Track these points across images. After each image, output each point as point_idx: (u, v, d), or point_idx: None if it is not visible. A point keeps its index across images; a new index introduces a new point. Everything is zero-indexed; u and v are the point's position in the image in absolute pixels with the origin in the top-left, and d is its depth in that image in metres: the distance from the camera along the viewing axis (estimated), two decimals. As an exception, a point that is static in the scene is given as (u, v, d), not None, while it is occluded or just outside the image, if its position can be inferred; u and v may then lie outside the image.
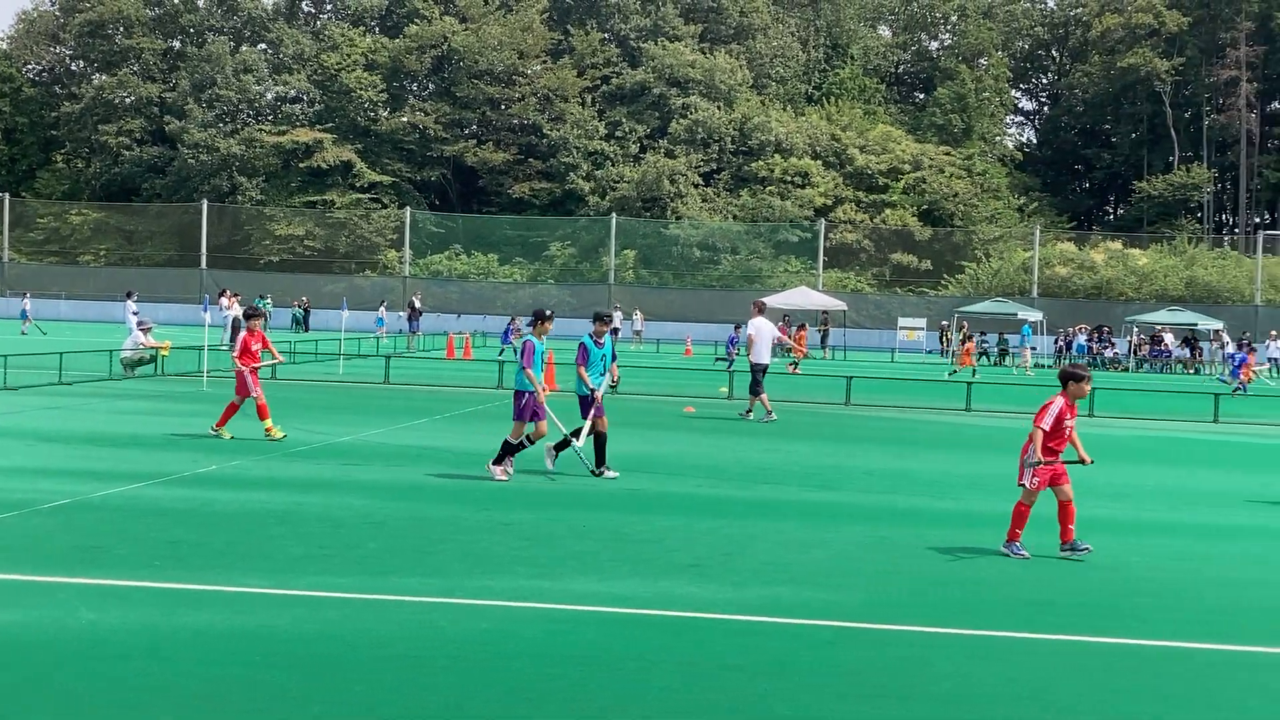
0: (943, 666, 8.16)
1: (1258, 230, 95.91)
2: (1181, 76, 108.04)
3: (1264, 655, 8.80)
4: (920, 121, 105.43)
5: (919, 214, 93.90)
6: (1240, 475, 19.66)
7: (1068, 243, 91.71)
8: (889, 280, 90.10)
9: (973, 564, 11.60)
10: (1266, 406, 35.13)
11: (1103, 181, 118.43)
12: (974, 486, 17.02)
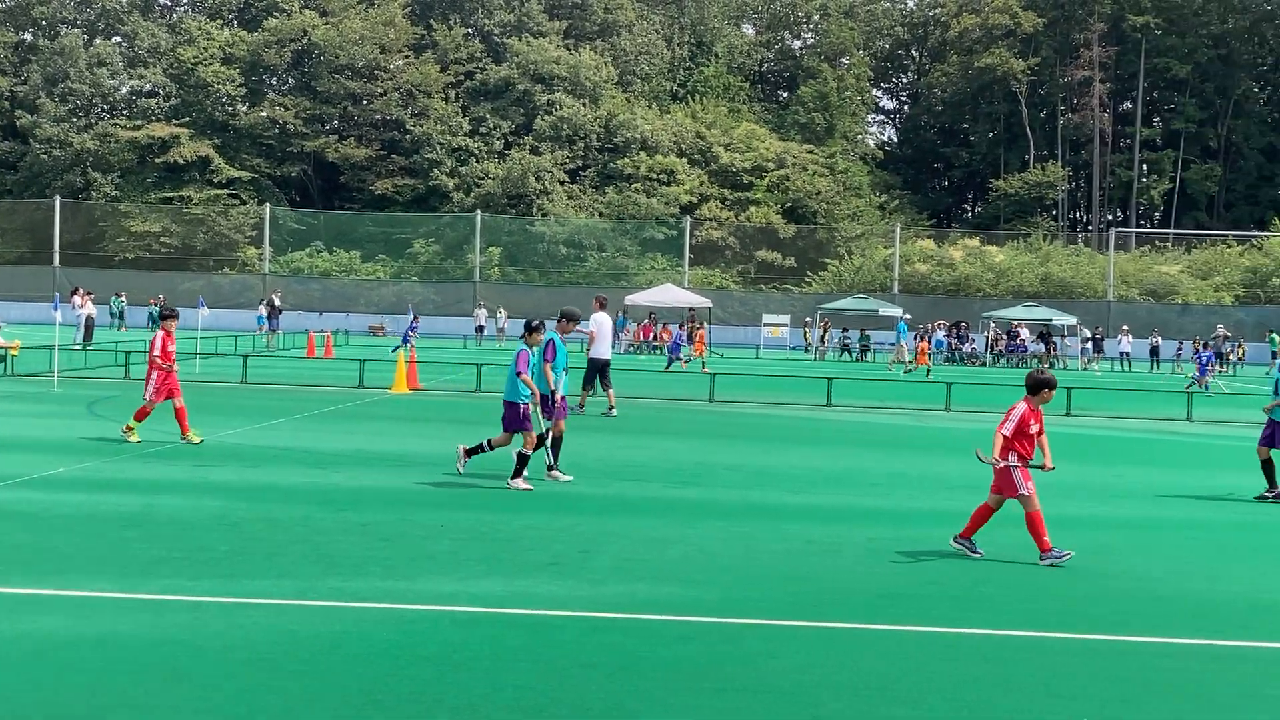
0: (794, 659, 8.21)
1: (1110, 227, 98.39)
2: (1037, 76, 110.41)
3: (1105, 643, 8.99)
4: (784, 120, 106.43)
5: (783, 211, 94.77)
6: (1091, 467, 20.10)
7: (927, 240, 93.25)
8: (754, 277, 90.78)
9: (828, 558, 11.71)
10: (1118, 400, 36.00)
11: (961, 180, 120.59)
12: (834, 481, 17.20)
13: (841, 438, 23.74)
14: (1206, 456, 22.65)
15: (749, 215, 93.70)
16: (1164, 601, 10.34)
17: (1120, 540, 13.23)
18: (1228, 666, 8.45)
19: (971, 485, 17.04)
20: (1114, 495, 16.74)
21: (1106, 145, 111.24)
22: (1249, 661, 8.60)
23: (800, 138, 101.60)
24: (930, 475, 18.11)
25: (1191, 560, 12.14)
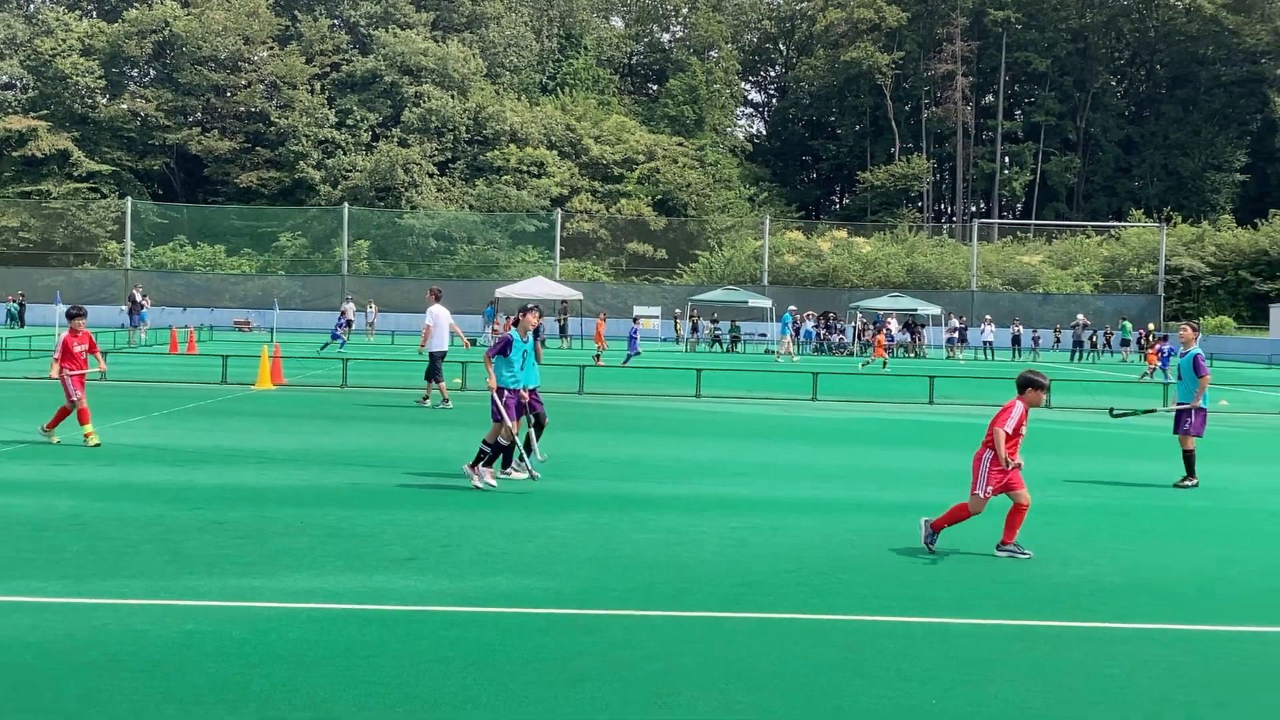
0: (651, 649, 8.26)
1: (973, 219, 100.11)
2: (901, 70, 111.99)
3: (956, 626, 9.16)
4: (654, 112, 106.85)
5: (654, 204, 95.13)
6: (949, 454, 20.45)
7: (796, 232, 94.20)
8: (625, 269, 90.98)
9: (690, 547, 11.78)
10: (981, 388, 36.63)
11: (829, 172, 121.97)
12: (700, 471, 17.29)
13: (709, 429, 23.88)
14: (1064, 442, 23.15)
15: (620, 207, 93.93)
16: (1016, 585, 10.56)
17: (975, 526, 13.47)
18: (1071, 647, 8.65)
19: (838, 475, 17.27)
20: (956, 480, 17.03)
21: (969, 138, 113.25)
22: (1092, 641, 8.82)
23: (670, 130, 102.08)
24: (797, 465, 18.29)
25: (1044, 544, 12.40)
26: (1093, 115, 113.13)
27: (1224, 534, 13.40)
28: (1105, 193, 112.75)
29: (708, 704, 7.17)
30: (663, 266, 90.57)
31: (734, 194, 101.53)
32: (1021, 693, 7.52)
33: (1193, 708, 7.29)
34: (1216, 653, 8.58)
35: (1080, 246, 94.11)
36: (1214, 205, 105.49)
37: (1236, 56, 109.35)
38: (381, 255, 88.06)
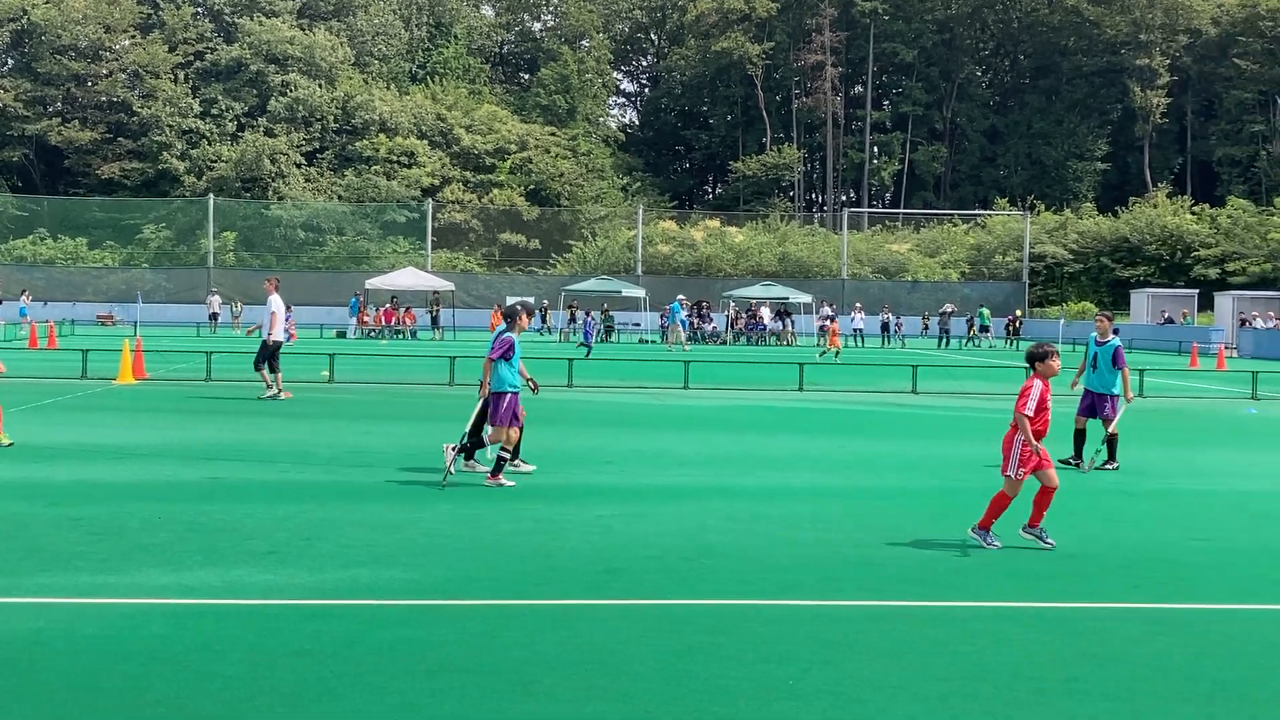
0: (514, 637, 8.24)
1: (843, 208, 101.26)
2: (772, 60, 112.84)
3: (816, 608, 9.25)
4: (525, 102, 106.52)
5: (526, 194, 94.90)
6: (817, 439, 20.69)
7: (669, 221, 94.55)
8: (499, 260, 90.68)
9: (555, 536, 11.76)
10: (850, 374, 37.07)
11: (702, 162, 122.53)
12: (568, 460, 17.28)
13: (580, 418, 23.88)
14: (927, 426, 23.52)
15: (492, 198, 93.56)
16: (877, 567, 10.69)
17: (839, 508, 13.65)
18: (929, 626, 8.79)
19: (706, 461, 17.36)
20: (836, 466, 17.25)
21: (839, 128, 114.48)
22: (949, 620, 8.96)
23: (542, 120, 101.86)
24: (664, 452, 18.36)
25: (904, 525, 12.59)
26: (959, 105, 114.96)
27: (1081, 513, 13.69)
28: (971, 181, 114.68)
29: (568, 690, 7.17)
30: (536, 257, 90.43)
31: (607, 184, 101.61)
32: (878, 671, 7.62)
33: (1043, 683, 7.43)
34: (1069, 629, 8.76)
35: (947, 235, 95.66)
36: (1076, 193, 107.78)
37: (1097, 47, 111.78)
38: (248, 247, 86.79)
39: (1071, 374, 19.65)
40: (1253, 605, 9.64)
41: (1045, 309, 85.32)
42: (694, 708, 6.89)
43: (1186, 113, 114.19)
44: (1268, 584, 10.41)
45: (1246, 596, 9.92)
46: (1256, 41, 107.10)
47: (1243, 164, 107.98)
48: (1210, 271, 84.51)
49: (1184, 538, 12.34)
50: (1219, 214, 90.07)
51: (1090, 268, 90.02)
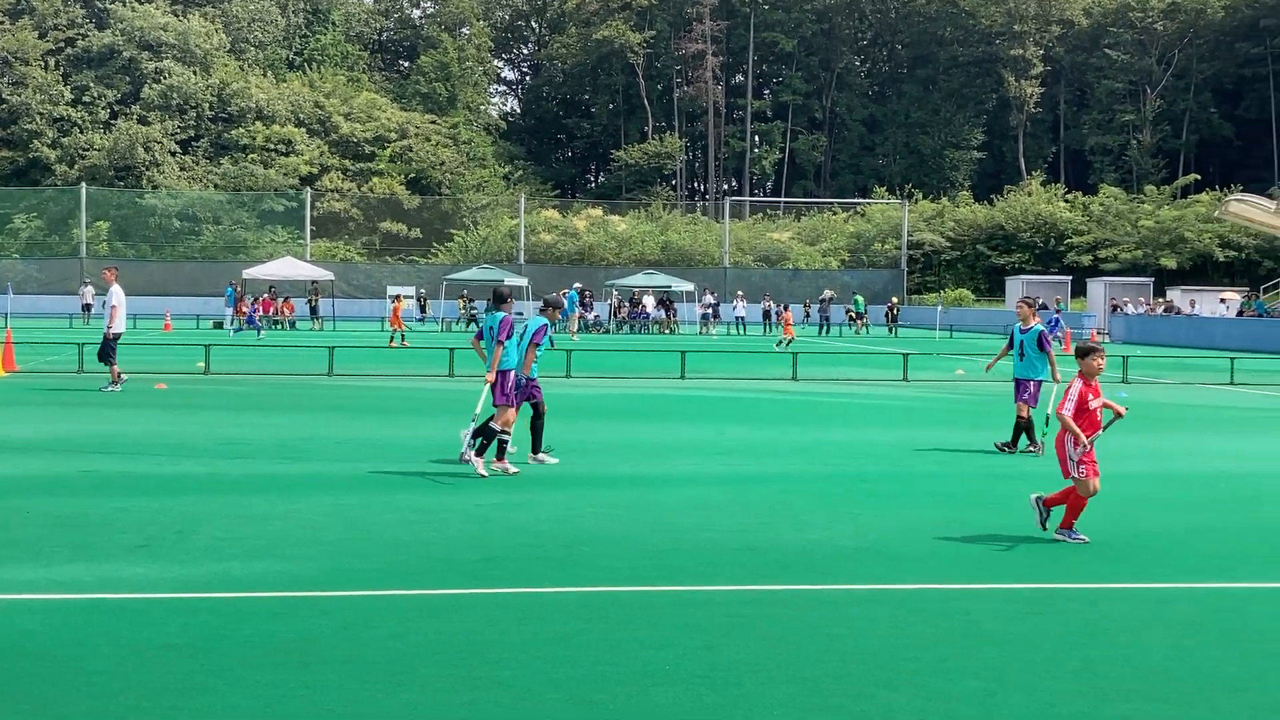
0: (389, 628, 8.16)
1: (725, 196, 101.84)
2: (653, 49, 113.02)
3: (695, 593, 9.30)
4: (405, 89, 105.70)
5: (407, 182, 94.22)
6: (698, 427, 20.78)
7: (552, 210, 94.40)
8: (379, 249, 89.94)
9: (433, 526, 11.68)
10: (733, 361, 37.28)
11: (584, 150, 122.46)
12: (447, 451, 17.17)
13: (460, 408, 23.72)
14: (806, 413, 23.73)
15: (372, 186, 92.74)
16: (753, 551, 10.76)
17: (719, 495, 13.72)
18: (804, 609, 8.86)
19: (585, 450, 17.34)
20: (717, 452, 17.34)
21: (720, 117, 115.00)
22: (824, 604, 9.04)
23: (422, 108, 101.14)
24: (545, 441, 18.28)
25: (781, 511, 12.69)
26: (838, 95, 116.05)
27: (950, 497, 13.90)
28: (851, 170, 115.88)
29: (444, 680, 7.12)
30: (417, 246, 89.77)
31: (489, 172, 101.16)
32: (755, 655, 7.66)
33: (916, 664, 7.52)
34: (941, 610, 8.88)
35: (828, 223, 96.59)
36: (953, 182, 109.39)
37: (973, 37, 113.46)
38: (123, 237, 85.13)
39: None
40: (1118, 584, 9.85)
41: (923, 296, 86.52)
42: (571, 695, 6.88)
43: (1060, 102, 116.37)
44: (1131, 562, 10.64)
45: (1112, 576, 10.13)
46: (1127, 32, 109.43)
47: (1114, 153, 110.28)
48: (1083, 258, 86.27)
49: (1054, 521, 12.55)
50: (1091, 202, 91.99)
51: (967, 255, 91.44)
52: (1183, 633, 8.33)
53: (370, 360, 35.57)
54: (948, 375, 34.61)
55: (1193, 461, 17.42)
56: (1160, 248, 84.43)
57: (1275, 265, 79.19)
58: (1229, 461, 17.31)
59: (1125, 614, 8.85)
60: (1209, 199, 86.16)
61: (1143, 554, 11.00)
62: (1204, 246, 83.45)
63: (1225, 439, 19.61)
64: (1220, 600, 9.36)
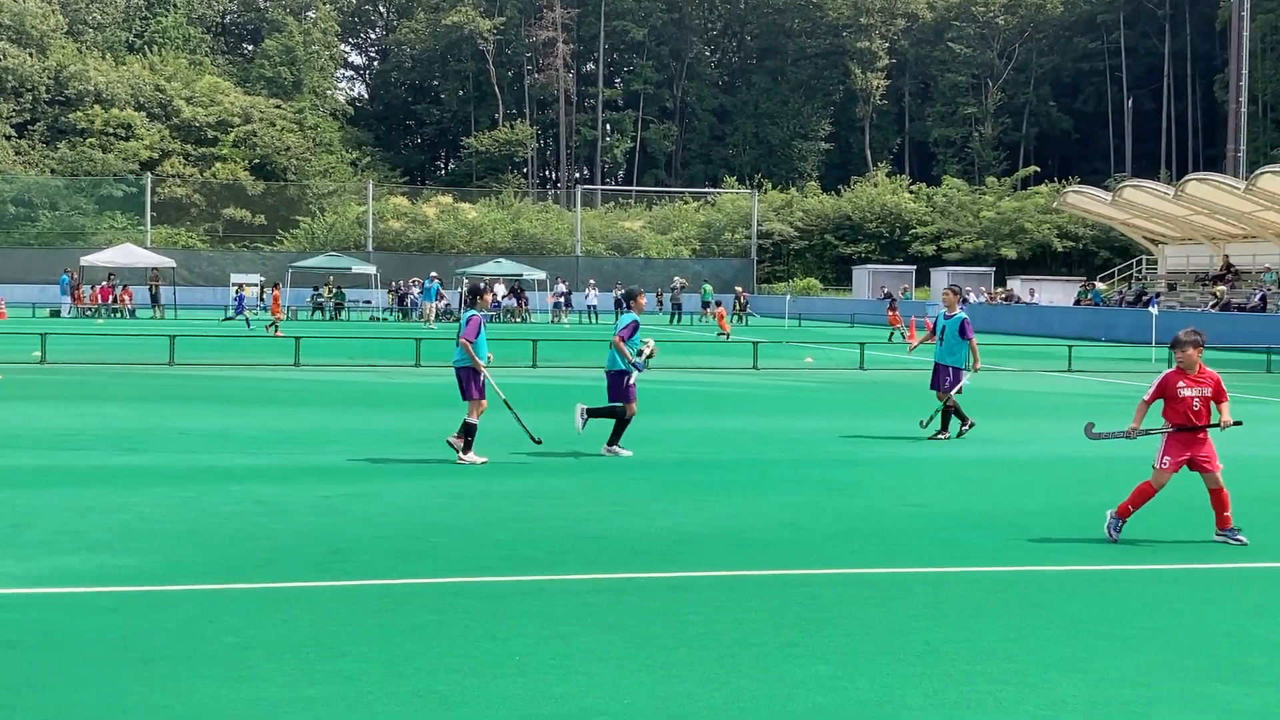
0: (229, 622, 7.98)
1: (577, 185, 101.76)
2: (504, 36, 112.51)
3: (544, 582, 9.24)
4: (249, 73, 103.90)
5: (251, 168, 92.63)
6: (551, 416, 20.70)
7: (401, 197, 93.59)
8: (222, 236, 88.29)
9: (278, 518, 11.47)
10: (585, 351, 37.26)
11: (433, 137, 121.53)
12: (291, 441, 16.93)
13: (305, 397, 23.41)
14: (657, 401, 23.79)
15: (215, 172, 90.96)
16: (604, 540, 10.74)
17: (569, 483, 13.69)
18: (654, 597, 8.86)
19: (434, 439, 17.18)
20: (566, 441, 17.29)
21: (572, 105, 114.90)
22: (674, 591, 9.06)
23: (267, 92, 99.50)
24: (394, 431, 18.16)
25: (631, 500, 12.70)
26: (688, 85, 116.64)
27: (799, 483, 14.03)
28: (701, 160, 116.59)
29: (285, 674, 6.97)
30: (262, 233, 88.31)
31: (336, 158, 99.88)
32: (606, 644, 7.64)
33: (763, 649, 7.56)
34: (788, 595, 8.94)
35: (679, 212, 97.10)
36: (801, 172, 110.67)
37: (820, 29, 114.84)
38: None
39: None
40: (960, 568, 10.01)
41: (773, 285, 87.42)
42: (418, 688, 6.79)
43: (905, 95, 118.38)
44: (973, 547, 10.83)
45: (953, 560, 10.30)
46: (969, 26, 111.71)
47: (957, 145, 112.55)
48: (927, 248, 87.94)
49: (899, 505, 12.76)
50: (935, 193, 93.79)
51: (815, 244, 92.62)
52: (1021, 615, 8.49)
53: (213, 349, 34.90)
54: (797, 363, 35.01)
55: (1032, 447, 17.81)
56: (1001, 238, 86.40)
57: (1111, 255, 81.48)
58: (1066, 447, 17.72)
59: (965, 597, 9.00)
60: (1048, 191, 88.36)
61: (983, 537, 11.19)
62: (1043, 237, 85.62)
63: (1063, 425, 20.08)
64: (1057, 583, 9.56)
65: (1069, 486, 14.20)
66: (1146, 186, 60.86)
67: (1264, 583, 9.67)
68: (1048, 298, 67.25)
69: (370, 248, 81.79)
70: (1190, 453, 10.81)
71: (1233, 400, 11.79)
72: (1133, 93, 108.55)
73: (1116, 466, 15.74)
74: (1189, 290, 59.15)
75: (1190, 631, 8.10)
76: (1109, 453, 17.11)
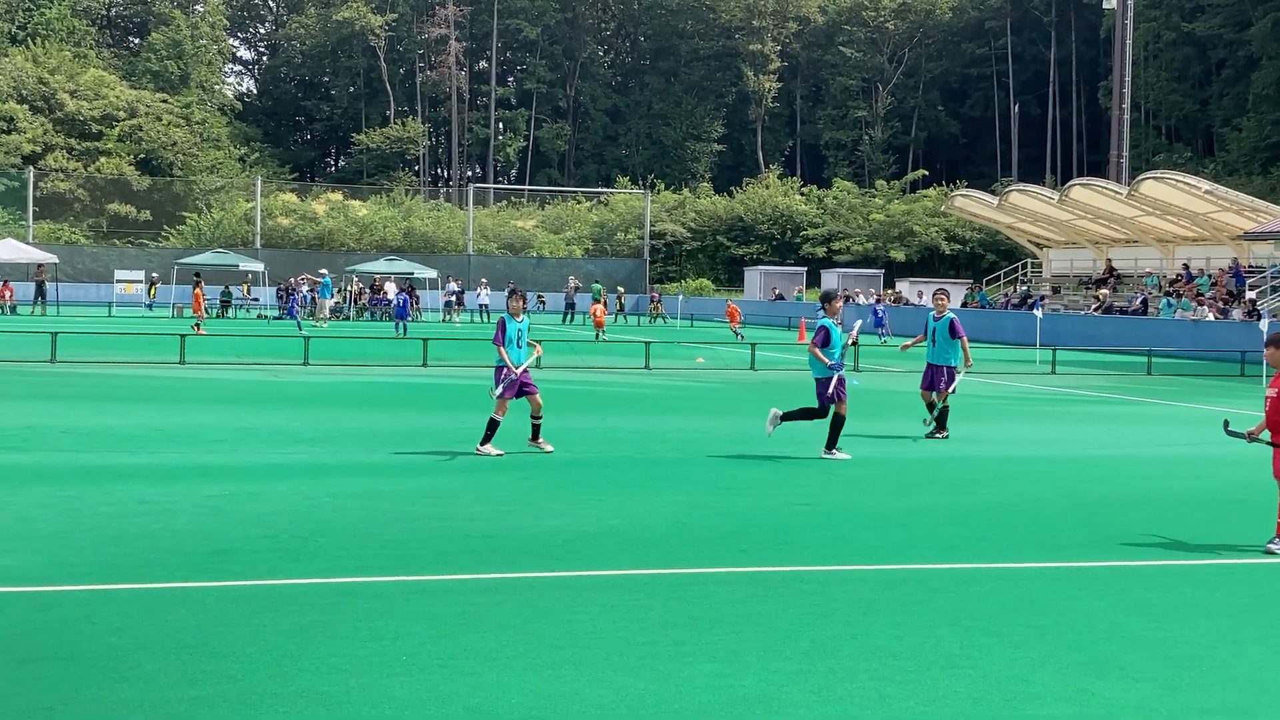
0: (111, 623, 7.84)
1: (469, 183, 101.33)
2: (395, 32, 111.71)
3: (431, 583, 9.18)
4: (135, 67, 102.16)
5: (137, 163, 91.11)
6: (438, 415, 20.60)
7: (290, 194, 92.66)
8: (106, 232, 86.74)
9: (161, 518, 11.29)
10: (477, 350, 37.04)
11: (323, 133, 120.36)
12: (176, 440, 16.66)
13: (192, 396, 23.06)
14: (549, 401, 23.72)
15: (99, 166, 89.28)
16: (491, 539, 10.70)
17: (458, 483, 13.62)
18: (543, 596, 8.84)
19: (322, 439, 17.01)
20: (457, 439, 17.21)
21: (464, 103, 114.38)
22: (563, 590, 9.04)
23: (154, 86, 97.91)
24: (280, 430, 17.93)
25: (520, 499, 12.67)
26: (582, 84, 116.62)
27: (688, 482, 14.08)
28: (595, 160, 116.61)
29: (169, 675, 6.87)
30: (147, 229, 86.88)
31: (223, 154, 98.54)
32: (494, 643, 7.61)
33: (652, 648, 7.58)
34: (677, 594, 8.96)
35: (572, 212, 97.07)
36: (694, 174, 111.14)
37: (713, 31, 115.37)
38: None
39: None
40: (848, 566, 10.12)
41: (666, 285, 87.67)
42: (304, 688, 6.72)
43: (796, 97, 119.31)
44: (861, 545, 10.94)
45: (840, 558, 10.40)
46: (860, 31, 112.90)
47: (847, 148, 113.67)
48: (818, 250, 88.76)
49: (787, 504, 12.85)
50: (826, 195, 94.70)
51: (708, 245, 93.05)
52: (906, 613, 8.59)
53: (96, 346, 34.26)
54: (688, 363, 35.15)
55: (918, 447, 18.02)
56: (890, 240, 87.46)
57: (997, 259, 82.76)
58: (952, 446, 17.99)
59: (852, 595, 9.09)
60: (936, 194, 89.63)
61: (870, 536, 11.31)
62: (931, 240, 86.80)
63: (949, 425, 20.35)
64: (943, 581, 9.68)
65: (956, 485, 14.39)
66: (1032, 191, 61.91)
67: (1141, 581, 9.87)
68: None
69: (258, 244, 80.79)
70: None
71: (1112, 403, 12.01)
72: (1019, 98, 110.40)
73: (1006, 467, 16.01)
74: (1073, 293, 60.25)
75: (1071, 629, 8.25)
76: (998, 453, 17.40)
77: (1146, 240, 57.34)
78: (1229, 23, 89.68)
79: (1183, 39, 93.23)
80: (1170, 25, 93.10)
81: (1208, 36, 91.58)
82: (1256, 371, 31.99)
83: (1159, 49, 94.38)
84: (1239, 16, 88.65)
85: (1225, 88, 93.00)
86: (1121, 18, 64.40)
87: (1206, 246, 54.48)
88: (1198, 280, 51.48)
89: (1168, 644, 7.92)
